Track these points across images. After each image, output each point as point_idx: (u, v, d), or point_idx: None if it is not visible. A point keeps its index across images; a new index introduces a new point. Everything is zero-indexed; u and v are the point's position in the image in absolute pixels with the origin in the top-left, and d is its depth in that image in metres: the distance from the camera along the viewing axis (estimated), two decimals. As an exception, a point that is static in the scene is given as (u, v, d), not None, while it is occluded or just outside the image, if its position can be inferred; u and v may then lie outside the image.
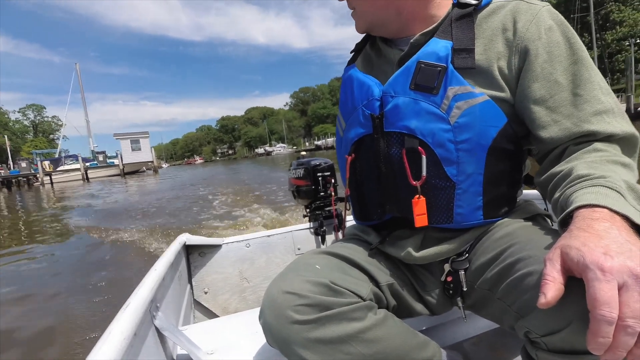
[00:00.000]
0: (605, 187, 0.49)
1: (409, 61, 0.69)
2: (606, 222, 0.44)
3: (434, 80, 0.65)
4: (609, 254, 0.39)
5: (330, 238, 1.56)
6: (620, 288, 0.38)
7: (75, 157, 34.88)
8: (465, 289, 0.69)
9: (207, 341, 0.86)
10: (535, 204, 0.77)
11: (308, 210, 1.60)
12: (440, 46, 0.67)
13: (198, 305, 1.34)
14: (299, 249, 1.51)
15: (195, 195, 9.54)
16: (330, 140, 67.03)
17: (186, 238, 1.28)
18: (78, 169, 32.14)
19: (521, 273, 0.55)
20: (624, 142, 0.61)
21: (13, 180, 31.41)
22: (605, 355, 0.39)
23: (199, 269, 1.34)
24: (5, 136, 55.53)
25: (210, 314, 1.35)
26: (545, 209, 0.79)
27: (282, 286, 0.62)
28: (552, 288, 0.41)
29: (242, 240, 1.43)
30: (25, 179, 31.78)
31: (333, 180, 1.53)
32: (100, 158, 35.27)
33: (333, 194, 1.52)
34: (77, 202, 11.99)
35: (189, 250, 1.33)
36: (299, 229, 1.54)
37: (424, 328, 0.89)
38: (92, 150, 40.15)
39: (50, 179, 30.77)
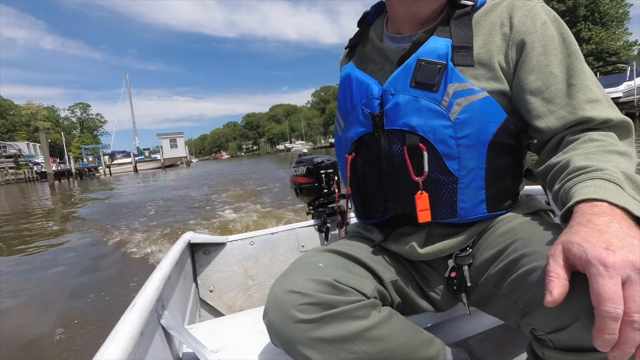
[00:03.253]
0: (604, 179, 0.49)
1: (409, 59, 0.69)
2: (606, 216, 0.43)
3: (434, 78, 0.66)
4: (610, 248, 0.39)
5: (334, 235, 1.55)
6: (624, 283, 0.37)
7: (127, 153, 44.19)
8: (469, 285, 0.69)
9: (213, 340, 0.86)
10: (537, 199, 0.76)
11: (311, 207, 1.61)
12: (440, 44, 0.68)
13: (204, 303, 1.35)
14: (302, 246, 1.51)
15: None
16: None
17: (191, 236, 1.27)
18: (130, 162, 40.63)
19: (525, 269, 0.54)
20: (619, 129, 0.62)
21: (83, 170, 39.85)
22: (612, 352, 0.38)
23: (204, 267, 1.34)
24: (62, 133, 64.89)
25: (216, 312, 1.36)
26: (546, 202, 0.78)
27: (286, 285, 0.62)
28: (558, 285, 0.41)
29: (246, 238, 1.43)
30: (87, 170, 40.13)
31: (336, 178, 1.53)
32: (146, 154, 45.66)
33: (336, 191, 1.51)
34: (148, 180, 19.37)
35: (193, 248, 1.33)
36: (302, 226, 1.54)
37: (429, 325, 0.87)
38: (137, 147, 50.23)
39: (110, 170, 39.24)
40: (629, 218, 0.44)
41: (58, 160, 43.05)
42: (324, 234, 1.55)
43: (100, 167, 39.85)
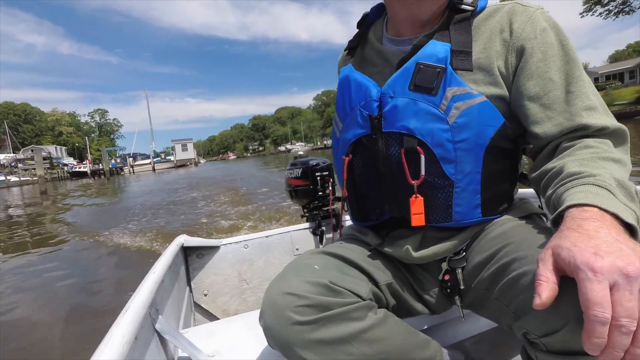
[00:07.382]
0: (595, 185, 0.49)
1: (408, 62, 0.69)
2: (596, 221, 0.44)
3: (433, 81, 0.66)
4: (599, 254, 0.39)
5: (328, 238, 1.55)
6: (611, 288, 0.38)
7: (146, 155, 56.55)
8: (462, 287, 0.69)
9: (208, 344, 0.85)
10: (530, 203, 0.76)
11: (306, 210, 1.61)
12: (439, 48, 0.68)
13: (198, 307, 1.34)
14: (297, 250, 1.51)
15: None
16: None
17: (184, 239, 1.26)
18: (149, 163, 51.48)
19: (516, 273, 0.55)
20: (615, 136, 0.62)
21: (113, 170, 48.64)
22: (601, 356, 0.38)
23: (197, 271, 1.33)
24: (86, 138, 74.03)
25: (211, 317, 1.35)
26: (539, 206, 0.78)
27: (282, 287, 0.62)
28: (546, 288, 0.42)
29: (240, 242, 1.42)
30: (115, 169, 49.13)
31: (331, 180, 1.53)
32: (162, 156, 58.73)
33: (331, 194, 1.51)
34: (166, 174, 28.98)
35: (187, 251, 1.32)
36: (296, 229, 1.53)
37: (425, 327, 0.87)
38: (154, 151, 60.79)
39: (133, 169, 49.44)
40: (619, 224, 0.45)
41: (92, 162, 52.13)
42: (318, 237, 1.54)
43: (126, 167, 50.58)
